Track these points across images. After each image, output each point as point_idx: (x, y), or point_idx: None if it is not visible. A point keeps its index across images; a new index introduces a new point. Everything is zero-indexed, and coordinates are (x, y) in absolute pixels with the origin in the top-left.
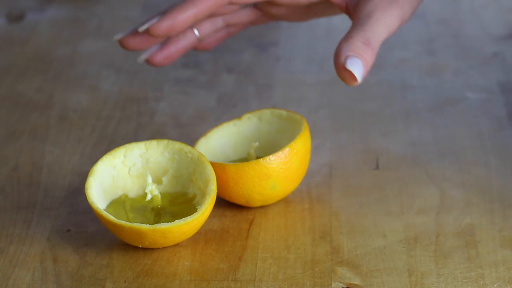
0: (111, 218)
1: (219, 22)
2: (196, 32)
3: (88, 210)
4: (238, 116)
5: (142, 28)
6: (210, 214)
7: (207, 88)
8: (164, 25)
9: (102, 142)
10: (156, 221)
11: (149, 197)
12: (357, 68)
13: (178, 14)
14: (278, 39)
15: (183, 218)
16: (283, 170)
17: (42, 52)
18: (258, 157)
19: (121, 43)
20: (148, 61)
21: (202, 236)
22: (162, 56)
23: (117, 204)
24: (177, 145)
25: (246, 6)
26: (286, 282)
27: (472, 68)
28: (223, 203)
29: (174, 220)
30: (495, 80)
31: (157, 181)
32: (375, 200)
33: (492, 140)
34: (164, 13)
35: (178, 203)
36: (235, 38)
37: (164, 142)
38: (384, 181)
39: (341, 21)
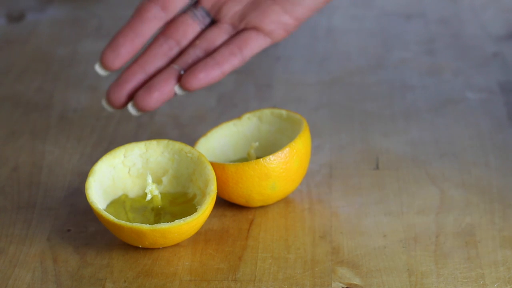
0: (111, 218)
1: (195, 51)
2: (175, 66)
3: (88, 210)
4: (238, 116)
5: (96, 66)
6: (210, 214)
7: (207, 88)
8: (109, 52)
9: (102, 142)
10: (156, 221)
11: (149, 197)
12: None
13: (118, 39)
14: None
15: (183, 218)
16: (283, 170)
17: (42, 52)
18: (258, 157)
19: (108, 100)
20: (136, 105)
21: (202, 236)
22: (144, 94)
23: (117, 204)
24: (177, 145)
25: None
26: (286, 282)
27: (472, 68)
28: (223, 203)
29: (174, 220)
30: (495, 80)
31: (157, 181)
32: (375, 200)
33: (492, 140)
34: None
35: (178, 203)
36: None
37: (164, 142)
38: (384, 181)
39: (341, 21)
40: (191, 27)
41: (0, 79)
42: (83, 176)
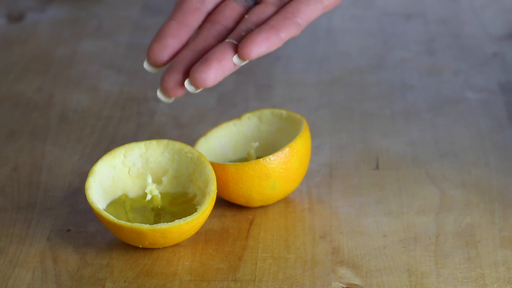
0: (111, 218)
1: (246, 24)
2: (229, 40)
3: (88, 210)
4: (238, 116)
5: (144, 63)
6: (210, 214)
7: (207, 88)
8: (156, 44)
9: (102, 142)
10: (156, 221)
11: (149, 197)
12: None
13: (164, 30)
14: None
15: (183, 218)
16: (283, 170)
17: (42, 52)
18: (258, 157)
19: (164, 90)
20: (193, 81)
21: (202, 236)
22: (202, 67)
23: (117, 204)
24: (177, 145)
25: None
26: (286, 282)
27: (472, 68)
28: (223, 203)
29: (174, 220)
30: (495, 80)
31: (157, 181)
32: (375, 200)
33: (492, 140)
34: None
35: (178, 203)
36: None
37: (164, 142)
38: (384, 181)
39: (341, 21)
40: (236, 11)
41: (0, 79)
42: (83, 176)
